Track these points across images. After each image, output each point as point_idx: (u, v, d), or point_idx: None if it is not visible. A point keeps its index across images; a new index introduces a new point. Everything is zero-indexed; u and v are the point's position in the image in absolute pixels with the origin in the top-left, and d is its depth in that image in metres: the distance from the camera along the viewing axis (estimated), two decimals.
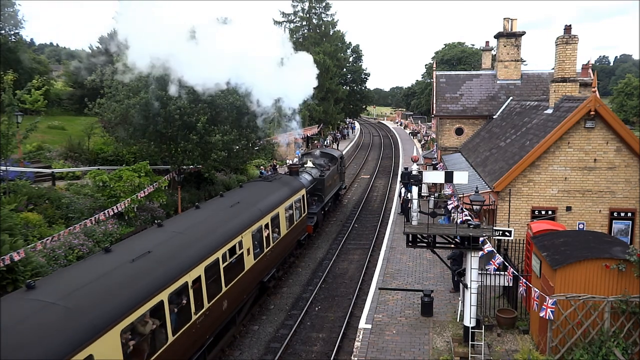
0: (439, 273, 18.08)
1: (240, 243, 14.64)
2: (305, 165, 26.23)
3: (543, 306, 10.95)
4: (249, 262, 15.25)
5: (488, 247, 12.66)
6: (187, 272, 11.53)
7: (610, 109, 16.78)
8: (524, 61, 74.05)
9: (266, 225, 16.95)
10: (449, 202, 20.07)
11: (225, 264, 13.55)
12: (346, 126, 77.65)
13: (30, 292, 9.02)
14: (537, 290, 11.56)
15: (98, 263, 10.69)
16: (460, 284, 13.76)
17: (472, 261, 12.17)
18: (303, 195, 21.87)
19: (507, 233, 14.06)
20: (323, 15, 59.85)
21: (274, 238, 17.69)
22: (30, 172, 23.41)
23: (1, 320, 7.85)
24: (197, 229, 13.53)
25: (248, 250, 15.20)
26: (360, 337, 13.75)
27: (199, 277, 12.05)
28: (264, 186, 19.60)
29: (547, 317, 10.91)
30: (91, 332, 8.37)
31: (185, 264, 11.61)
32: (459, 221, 14.59)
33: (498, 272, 13.15)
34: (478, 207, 13.77)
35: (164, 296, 10.48)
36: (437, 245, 12.77)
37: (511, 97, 28.52)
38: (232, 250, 14.04)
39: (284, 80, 22.33)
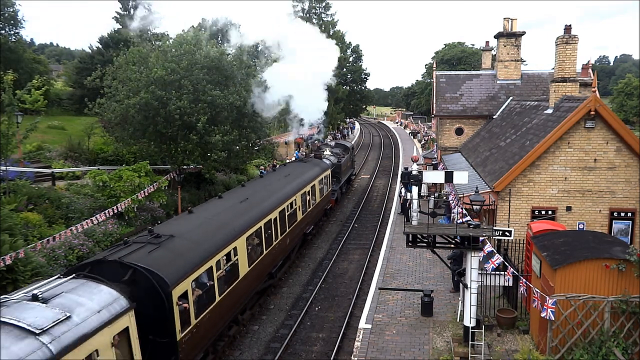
0: (439, 273, 18.07)
1: (295, 201, 20.64)
2: (324, 153, 30.90)
3: (544, 306, 10.94)
4: (299, 215, 21.10)
5: (488, 248, 12.65)
6: (271, 212, 17.50)
7: (610, 109, 16.76)
8: (524, 61, 74.07)
9: (308, 192, 22.74)
10: (452, 202, 20.08)
11: (288, 212, 19.49)
12: (346, 126, 77.57)
13: (191, 214, 14.87)
14: (537, 290, 11.57)
15: (218, 203, 16.52)
16: (460, 284, 13.76)
17: (472, 261, 12.17)
18: (329, 175, 27.57)
19: (507, 233, 14.06)
20: (323, 15, 59.85)
21: (312, 203, 23.38)
22: (30, 172, 23.42)
23: (186, 225, 13.67)
24: (269, 188, 19.59)
25: (299, 207, 21.05)
26: (360, 337, 13.75)
27: (276, 218, 18.02)
28: (303, 165, 25.83)
29: (547, 317, 10.91)
30: (234, 235, 14.35)
31: (269, 207, 17.58)
32: (457, 217, 14.59)
33: (497, 272, 13.14)
34: (478, 207, 13.76)
35: (261, 224, 16.48)
36: (437, 245, 12.77)
37: (511, 97, 28.51)
38: (291, 205, 19.96)
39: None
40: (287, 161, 35.07)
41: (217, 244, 13.28)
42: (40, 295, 8.76)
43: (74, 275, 10.05)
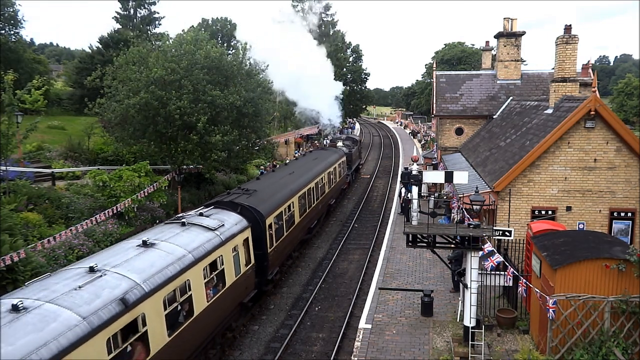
0: (439, 273, 18.07)
1: (324, 177, 26.32)
2: (338, 144, 37.21)
3: (546, 307, 10.94)
4: (326, 189, 26.93)
5: (488, 247, 12.64)
6: (310, 182, 23.52)
7: (610, 108, 16.75)
8: (524, 61, 74.03)
9: (331, 172, 28.44)
10: (453, 203, 20.09)
11: (320, 185, 25.41)
12: (346, 126, 77.57)
13: (259, 180, 21.05)
14: (537, 290, 11.57)
15: (275, 174, 22.92)
16: (460, 284, 13.75)
17: (472, 261, 12.16)
18: (344, 160, 33.29)
19: (507, 233, 14.05)
20: (323, 15, 59.87)
21: (333, 181, 29.05)
22: (30, 172, 23.39)
23: (261, 185, 19.42)
24: (306, 167, 25.50)
25: (326, 182, 26.76)
26: (360, 337, 13.75)
27: (313, 187, 23.82)
28: (325, 152, 31.97)
29: (548, 317, 10.90)
30: (291, 193, 20.45)
31: (309, 178, 23.61)
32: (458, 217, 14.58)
33: (497, 272, 13.14)
34: (478, 207, 13.76)
35: (305, 190, 22.45)
36: (437, 245, 12.77)
37: (511, 97, 28.51)
38: (321, 179, 25.77)
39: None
40: (287, 161, 35.36)
41: (283, 197, 19.34)
42: (204, 214, 14.82)
43: (212, 206, 16.05)
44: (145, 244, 11.57)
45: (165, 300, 10.57)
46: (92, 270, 9.83)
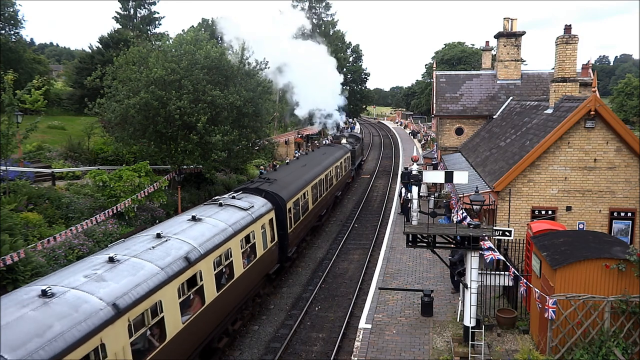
0: (439, 273, 18.07)
1: (331, 170, 28.93)
2: (342, 142, 40.09)
3: (545, 306, 10.93)
4: (334, 181, 29.43)
5: (487, 244, 12.62)
6: (321, 174, 25.98)
7: (610, 108, 16.75)
8: (524, 61, 74.04)
9: (338, 166, 30.99)
10: (453, 205, 20.07)
11: (328, 177, 27.83)
12: (346, 126, 77.51)
13: (276, 171, 23.89)
14: (537, 290, 11.56)
15: (289, 167, 25.31)
16: (460, 284, 13.75)
17: (472, 261, 12.16)
18: (349, 156, 35.86)
19: (507, 233, 14.05)
20: (323, 15, 59.85)
21: (340, 174, 31.55)
22: (30, 172, 23.36)
23: (279, 175, 22.02)
24: (316, 160, 28.13)
25: (333, 175, 29.39)
26: (360, 337, 13.75)
27: (323, 179, 26.32)
28: (332, 148, 34.91)
29: (548, 317, 10.90)
30: (306, 183, 22.84)
31: (320, 171, 26.09)
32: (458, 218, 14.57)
33: (497, 272, 13.14)
34: (478, 207, 13.75)
35: (317, 180, 24.89)
36: (437, 245, 12.76)
37: (511, 97, 28.51)
38: (330, 172, 28.39)
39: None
40: (287, 160, 35.47)
41: (299, 185, 21.69)
42: (235, 197, 17.03)
43: (240, 191, 18.25)
44: (194, 219, 14.09)
45: (215, 263, 13.03)
46: (159, 236, 12.31)
